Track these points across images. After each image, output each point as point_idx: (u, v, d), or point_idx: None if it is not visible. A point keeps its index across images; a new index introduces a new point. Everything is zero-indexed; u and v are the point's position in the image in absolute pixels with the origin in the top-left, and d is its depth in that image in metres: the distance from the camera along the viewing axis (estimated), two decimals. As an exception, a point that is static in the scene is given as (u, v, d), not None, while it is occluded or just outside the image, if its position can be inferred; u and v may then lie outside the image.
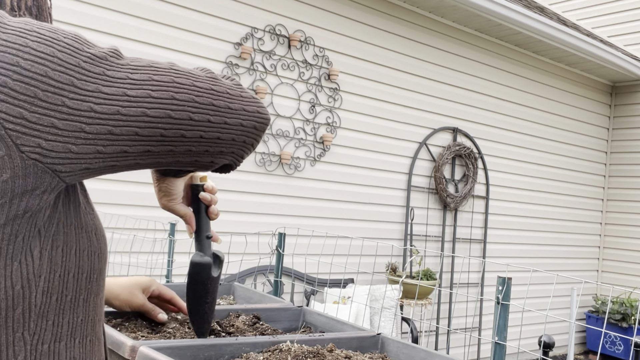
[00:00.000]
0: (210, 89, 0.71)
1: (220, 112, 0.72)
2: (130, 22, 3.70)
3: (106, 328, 1.07)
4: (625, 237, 6.92)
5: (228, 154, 0.76)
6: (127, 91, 0.65)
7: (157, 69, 0.68)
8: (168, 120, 0.67)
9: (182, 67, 0.72)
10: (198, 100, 0.69)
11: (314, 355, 1.05)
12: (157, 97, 0.66)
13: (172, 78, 0.68)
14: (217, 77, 0.74)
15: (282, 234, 2.19)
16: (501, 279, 1.60)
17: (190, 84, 0.69)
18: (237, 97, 0.74)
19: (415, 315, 5.12)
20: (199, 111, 0.69)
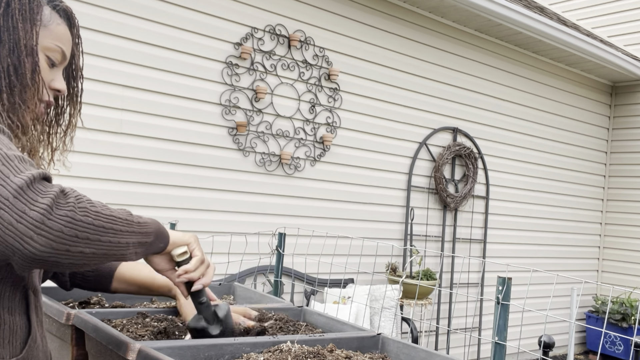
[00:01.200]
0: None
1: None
2: (130, 22, 3.70)
3: (106, 328, 1.07)
4: (625, 237, 6.92)
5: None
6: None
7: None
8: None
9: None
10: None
11: (315, 355, 1.05)
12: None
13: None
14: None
15: (282, 234, 2.19)
16: (501, 279, 1.60)
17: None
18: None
19: (415, 315, 5.12)
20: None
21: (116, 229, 0.92)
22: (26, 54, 1.01)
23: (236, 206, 4.19)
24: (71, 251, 0.86)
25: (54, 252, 0.84)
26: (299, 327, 1.30)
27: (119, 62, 3.66)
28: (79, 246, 0.86)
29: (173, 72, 3.88)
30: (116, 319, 1.28)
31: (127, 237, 0.94)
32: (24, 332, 0.99)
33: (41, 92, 1.03)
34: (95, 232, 0.88)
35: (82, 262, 0.89)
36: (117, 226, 0.92)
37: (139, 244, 0.97)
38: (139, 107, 3.76)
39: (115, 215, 0.93)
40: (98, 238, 0.89)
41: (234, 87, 4.15)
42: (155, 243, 1.03)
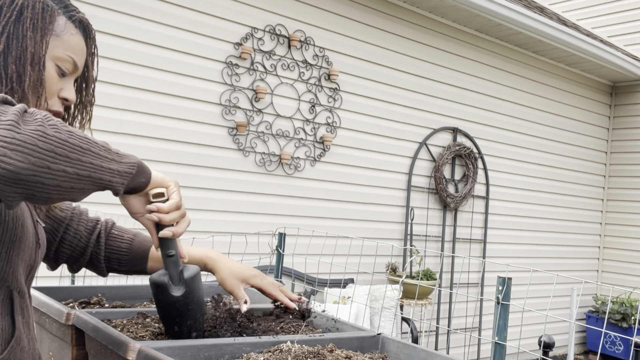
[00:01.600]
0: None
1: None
2: (131, 22, 3.70)
3: (106, 328, 1.07)
4: (625, 237, 6.92)
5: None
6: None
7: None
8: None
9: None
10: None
11: (315, 355, 1.05)
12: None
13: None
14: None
15: (282, 234, 2.19)
16: (501, 279, 1.60)
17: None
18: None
19: (415, 315, 5.12)
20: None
21: (94, 151, 0.88)
22: (31, 63, 1.01)
23: (236, 206, 4.19)
24: (52, 168, 0.81)
25: (34, 168, 0.79)
26: (299, 327, 1.30)
27: (119, 62, 3.66)
28: (59, 163, 0.82)
29: (173, 72, 3.88)
30: (116, 319, 1.28)
31: (108, 162, 0.90)
32: (7, 333, 0.98)
33: (42, 102, 1.03)
34: (73, 150, 0.84)
35: (69, 185, 0.84)
36: (95, 149, 0.88)
37: (123, 172, 0.94)
38: (139, 107, 3.76)
39: (91, 138, 0.89)
40: (78, 157, 0.85)
41: (234, 87, 4.15)
42: (137, 177, 1.00)
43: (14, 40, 1.00)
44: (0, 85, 0.99)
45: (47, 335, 1.30)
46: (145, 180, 1.03)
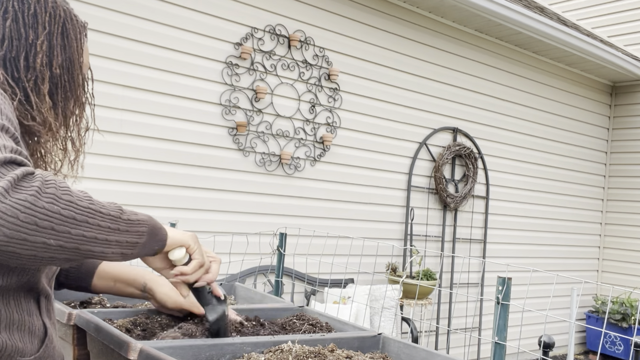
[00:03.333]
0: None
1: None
2: (130, 22, 3.70)
3: (108, 328, 1.08)
4: (625, 237, 6.92)
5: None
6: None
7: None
8: (34, 229, 0.80)
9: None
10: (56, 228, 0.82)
11: (315, 355, 1.05)
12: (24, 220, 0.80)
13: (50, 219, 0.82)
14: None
15: (283, 234, 2.19)
16: (501, 279, 1.60)
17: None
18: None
19: (415, 315, 5.12)
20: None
21: (93, 223, 0.86)
22: (79, 71, 1.15)
23: (236, 206, 4.20)
24: (29, 240, 0.80)
25: (7, 239, 0.78)
26: (300, 327, 1.30)
27: (119, 62, 3.66)
28: (40, 236, 0.80)
29: (173, 72, 3.88)
30: (118, 318, 1.28)
31: (108, 234, 0.88)
32: (42, 332, 1.02)
33: (83, 104, 1.15)
34: (63, 222, 0.82)
35: (49, 255, 0.83)
36: (95, 220, 0.86)
37: (126, 243, 0.91)
38: (139, 107, 3.76)
39: (96, 209, 0.87)
40: (66, 230, 0.83)
41: (234, 87, 4.15)
42: (148, 244, 0.98)
43: (62, 50, 1.13)
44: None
45: (49, 335, 1.30)
46: (160, 246, 1.03)
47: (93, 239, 0.86)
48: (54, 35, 1.10)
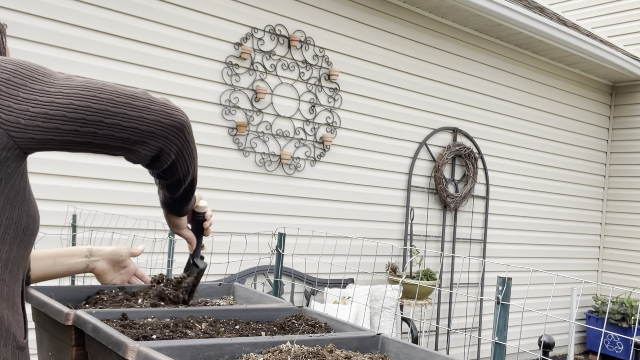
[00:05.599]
0: (128, 96, 0.98)
1: (131, 111, 0.97)
2: (130, 22, 3.70)
3: (106, 328, 1.07)
4: (625, 237, 6.92)
5: (141, 142, 1.00)
6: (63, 90, 0.95)
7: (88, 83, 0.98)
8: (89, 109, 0.94)
9: (109, 84, 0.99)
10: (116, 100, 0.97)
11: (314, 355, 1.05)
12: (83, 94, 0.95)
13: (98, 87, 0.97)
14: (141, 94, 1.00)
15: (282, 234, 2.19)
16: (501, 279, 1.60)
17: (111, 91, 0.97)
18: (148, 102, 0.99)
19: (415, 316, 5.12)
20: (114, 107, 0.96)
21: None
22: None
23: (236, 206, 4.19)
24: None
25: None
26: (298, 327, 1.30)
27: (119, 62, 3.66)
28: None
29: (173, 72, 3.88)
30: (116, 319, 1.27)
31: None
32: (23, 323, 1.07)
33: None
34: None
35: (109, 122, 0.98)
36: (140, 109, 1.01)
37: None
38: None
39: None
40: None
41: (234, 87, 4.15)
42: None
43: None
44: None
45: (47, 335, 1.30)
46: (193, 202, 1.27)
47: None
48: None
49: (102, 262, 1.47)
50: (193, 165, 1.13)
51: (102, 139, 0.97)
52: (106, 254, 1.48)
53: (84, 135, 0.95)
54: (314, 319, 1.34)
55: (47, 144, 0.95)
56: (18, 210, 0.97)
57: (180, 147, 1.05)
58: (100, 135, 0.96)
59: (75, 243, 3.23)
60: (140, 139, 0.99)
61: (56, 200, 3.44)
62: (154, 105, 0.99)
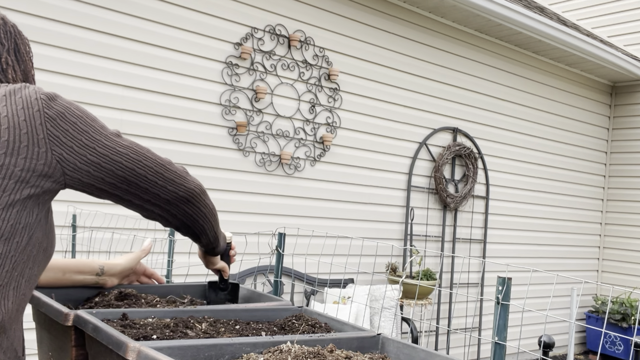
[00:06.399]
0: (163, 167, 1.15)
1: (161, 181, 1.15)
2: (131, 22, 3.70)
3: (106, 328, 1.08)
4: (625, 237, 6.92)
5: (157, 205, 1.16)
6: (117, 148, 1.09)
7: (137, 147, 1.13)
8: (133, 172, 1.11)
9: (151, 152, 1.15)
10: (155, 169, 1.14)
11: (315, 355, 1.05)
12: (132, 157, 1.11)
13: (144, 154, 1.13)
14: (171, 166, 1.16)
15: (282, 234, 2.19)
16: (501, 279, 1.60)
17: (153, 160, 1.14)
18: (174, 175, 1.16)
19: (415, 316, 5.12)
20: (151, 175, 1.13)
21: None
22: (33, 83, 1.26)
23: (236, 206, 4.19)
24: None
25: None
26: (299, 327, 1.30)
27: (119, 62, 3.66)
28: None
29: (173, 72, 3.88)
30: (117, 319, 1.27)
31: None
32: (22, 339, 1.11)
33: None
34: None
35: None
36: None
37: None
38: (139, 107, 3.76)
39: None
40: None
41: (234, 87, 4.15)
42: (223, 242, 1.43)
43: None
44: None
45: (47, 335, 1.30)
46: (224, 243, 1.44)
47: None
48: (10, 51, 1.19)
49: (112, 279, 1.49)
50: (208, 223, 1.27)
51: (131, 196, 1.13)
52: (118, 272, 1.49)
53: (118, 189, 1.11)
54: (314, 319, 1.34)
55: (86, 187, 1.09)
56: (43, 233, 1.08)
57: (189, 213, 1.21)
58: (131, 193, 1.12)
59: (76, 243, 3.23)
60: (157, 203, 1.16)
61: (56, 200, 3.43)
62: (178, 179, 1.17)
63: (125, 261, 1.52)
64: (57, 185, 1.05)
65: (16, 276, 1.02)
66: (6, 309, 1.01)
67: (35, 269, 1.07)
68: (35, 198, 1.03)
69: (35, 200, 1.04)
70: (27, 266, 1.04)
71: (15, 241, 1.01)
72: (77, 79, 3.51)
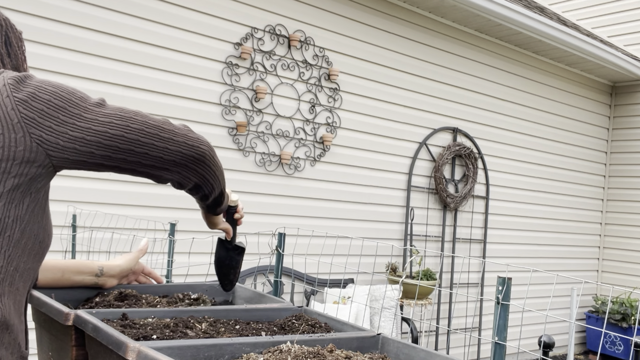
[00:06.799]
0: (156, 127, 1.07)
1: (158, 141, 1.07)
2: (131, 22, 3.70)
3: (106, 328, 1.08)
4: (625, 237, 6.92)
5: (164, 169, 1.09)
6: (99, 117, 1.02)
7: (122, 112, 1.05)
8: (122, 139, 1.03)
9: (140, 113, 1.08)
10: (146, 130, 1.05)
11: (315, 355, 1.05)
12: (117, 123, 1.03)
13: (130, 117, 1.05)
14: (167, 125, 1.08)
15: (282, 234, 2.19)
16: (501, 279, 1.60)
17: (142, 122, 1.06)
18: (173, 134, 1.08)
19: (415, 315, 5.12)
20: (145, 137, 1.05)
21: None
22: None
23: (236, 206, 4.19)
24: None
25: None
26: (299, 327, 1.30)
27: (119, 62, 3.66)
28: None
29: (173, 72, 3.88)
30: (116, 318, 1.27)
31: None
32: (24, 334, 1.09)
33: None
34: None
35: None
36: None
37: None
38: (139, 107, 3.75)
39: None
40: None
41: (234, 87, 4.15)
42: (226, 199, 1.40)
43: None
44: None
45: (47, 335, 1.30)
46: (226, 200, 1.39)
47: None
48: (1, 44, 1.16)
49: (112, 280, 1.48)
50: (217, 182, 1.21)
51: (130, 164, 1.06)
52: (117, 273, 1.49)
53: (114, 160, 1.04)
54: (314, 319, 1.34)
55: (79, 165, 1.03)
56: (38, 224, 1.04)
57: (201, 173, 1.15)
58: (129, 161, 1.05)
59: (76, 243, 3.23)
60: (164, 166, 1.09)
61: (56, 200, 3.43)
62: (177, 137, 1.08)
63: (124, 262, 1.51)
64: (43, 170, 1.00)
65: (11, 271, 1.00)
66: (5, 305, 0.99)
67: (30, 263, 1.05)
68: (24, 188, 0.99)
69: (25, 191, 1.00)
70: (21, 260, 1.02)
71: (7, 235, 0.99)
72: (77, 79, 3.51)
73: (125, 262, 1.51)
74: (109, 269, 1.47)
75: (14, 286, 1.01)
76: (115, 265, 1.49)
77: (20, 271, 1.02)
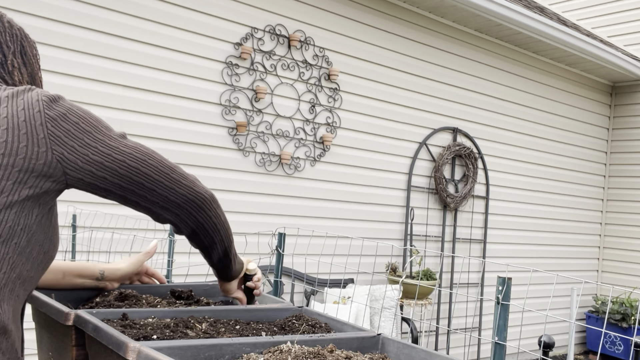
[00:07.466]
0: (170, 168, 1.13)
1: (167, 181, 1.13)
2: (131, 22, 3.70)
3: (106, 328, 1.08)
4: (625, 237, 6.92)
5: (165, 209, 1.14)
6: (120, 147, 1.08)
7: (141, 147, 1.11)
8: (137, 171, 1.09)
9: (157, 153, 1.14)
10: (160, 169, 1.12)
11: (315, 355, 1.05)
12: (136, 156, 1.09)
13: (148, 153, 1.12)
14: (178, 169, 1.15)
15: (282, 234, 2.19)
16: (501, 279, 1.60)
17: (158, 160, 1.12)
18: (182, 177, 1.15)
19: (415, 316, 5.13)
20: (157, 174, 1.11)
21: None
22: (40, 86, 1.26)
23: (236, 206, 4.19)
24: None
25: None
26: (299, 327, 1.30)
27: (119, 62, 3.66)
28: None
29: (173, 72, 3.88)
30: (117, 318, 1.27)
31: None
32: (21, 340, 1.11)
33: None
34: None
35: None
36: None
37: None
38: (139, 107, 3.76)
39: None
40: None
41: (234, 87, 4.15)
42: (239, 265, 1.40)
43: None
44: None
45: (47, 335, 1.30)
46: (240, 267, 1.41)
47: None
48: (16, 53, 1.18)
49: (113, 284, 1.48)
50: (218, 236, 1.23)
51: (137, 197, 1.11)
52: (118, 277, 1.48)
53: (124, 190, 1.10)
54: (314, 319, 1.34)
55: (90, 187, 1.08)
56: (44, 234, 1.07)
57: (198, 219, 1.18)
58: (137, 194, 1.11)
59: (76, 243, 3.23)
60: (166, 205, 1.14)
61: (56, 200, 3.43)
62: (186, 181, 1.15)
63: (127, 265, 1.50)
64: (57, 185, 1.04)
65: (14, 278, 1.02)
66: (5, 312, 1.00)
67: (33, 272, 1.06)
68: (35, 199, 1.02)
69: (35, 201, 1.03)
70: (25, 268, 1.04)
71: (14, 243, 1.01)
72: (77, 79, 3.51)
73: (128, 265, 1.50)
74: (110, 273, 1.46)
75: (14, 293, 1.03)
76: (117, 269, 1.48)
77: (22, 279, 1.04)
